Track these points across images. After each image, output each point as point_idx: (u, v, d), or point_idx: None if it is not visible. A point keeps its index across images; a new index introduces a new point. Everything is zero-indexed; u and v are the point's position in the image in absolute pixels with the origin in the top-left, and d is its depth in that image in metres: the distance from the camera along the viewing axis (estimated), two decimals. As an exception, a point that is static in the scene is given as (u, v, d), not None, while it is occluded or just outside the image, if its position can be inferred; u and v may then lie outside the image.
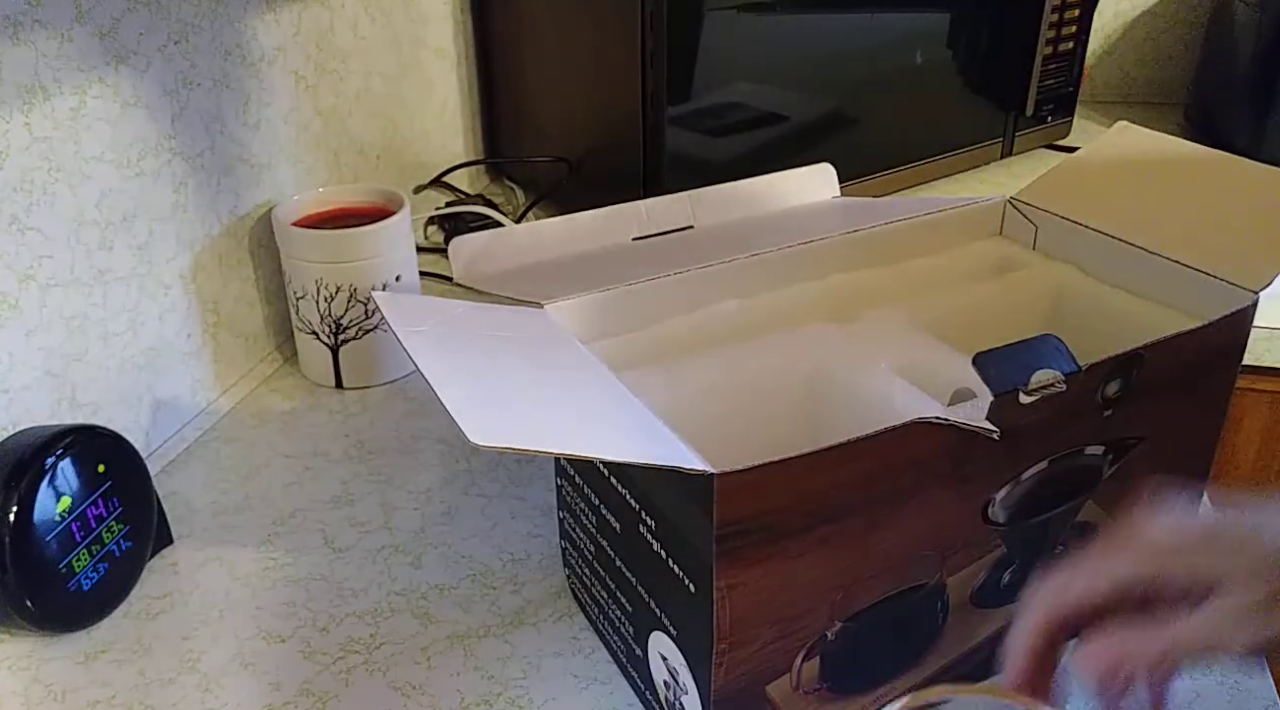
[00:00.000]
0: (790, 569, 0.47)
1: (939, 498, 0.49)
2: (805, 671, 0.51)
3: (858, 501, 0.47)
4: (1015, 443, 0.49)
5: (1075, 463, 0.52)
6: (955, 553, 0.52)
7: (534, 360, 0.53)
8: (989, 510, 0.52)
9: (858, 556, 0.49)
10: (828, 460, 0.45)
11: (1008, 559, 0.54)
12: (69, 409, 0.68)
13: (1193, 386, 0.56)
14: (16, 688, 0.57)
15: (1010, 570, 0.55)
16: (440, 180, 1.11)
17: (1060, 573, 0.42)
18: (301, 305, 0.81)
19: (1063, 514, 0.55)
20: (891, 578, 0.51)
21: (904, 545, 0.50)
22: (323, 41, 0.89)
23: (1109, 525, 0.43)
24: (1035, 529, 0.54)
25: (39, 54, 0.62)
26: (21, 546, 0.55)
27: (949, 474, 0.49)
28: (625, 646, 0.57)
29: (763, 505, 0.45)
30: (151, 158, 0.72)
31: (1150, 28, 1.47)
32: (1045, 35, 1.19)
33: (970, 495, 0.50)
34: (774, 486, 0.44)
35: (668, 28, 0.91)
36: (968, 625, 0.55)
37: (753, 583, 0.46)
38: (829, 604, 0.50)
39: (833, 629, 0.50)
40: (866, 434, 0.45)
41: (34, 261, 0.64)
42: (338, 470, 0.74)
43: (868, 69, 1.07)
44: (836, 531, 0.47)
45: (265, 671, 0.58)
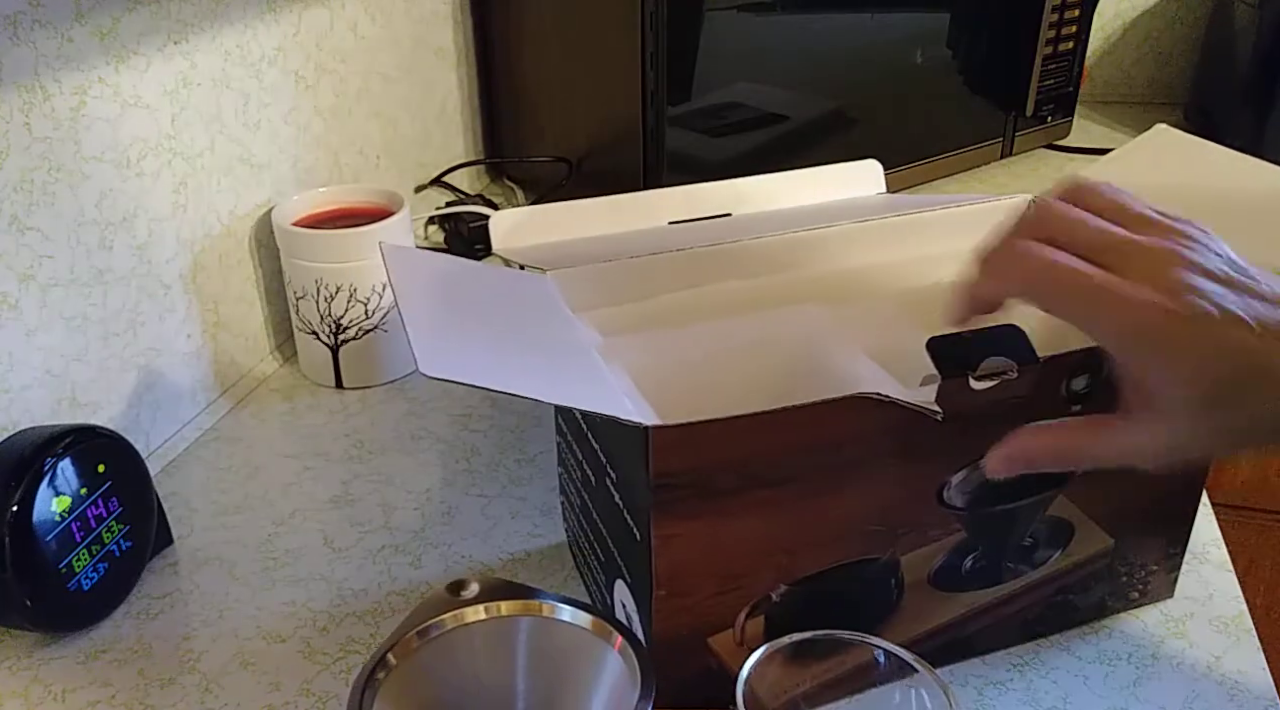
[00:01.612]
0: (728, 527, 0.49)
1: (886, 475, 0.50)
2: (749, 629, 0.52)
3: (797, 469, 0.48)
4: (970, 428, 0.49)
5: None
6: (908, 532, 0.52)
7: (511, 314, 0.54)
8: (944, 493, 0.52)
9: (799, 524, 0.50)
10: (763, 424, 0.46)
11: (969, 545, 0.54)
12: (69, 409, 0.68)
13: None
14: (16, 688, 0.57)
15: (973, 556, 0.55)
16: (440, 180, 1.11)
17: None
18: (301, 305, 0.81)
19: (1030, 507, 0.55)
20: (839, 549, 0.52)
21: (850, 518, 0.51)
22: (323, 41, 0.90)
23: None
24: (999, 518, 0.54)
25: (39, 54, 0.62)
26: (21, 546, 0.55)
27: (896, 452, 0.50)
28: (601, 598, 0.58)
29: (698, 462, 0.46)
30: (151, 158, 0.72)
31: (1150, 28, 1.47)
32: (1045, 35, 1.19)
33: (921, 476, 0.51)
34: (709, 445, 0.46)
35: (668, 28, 0.91)
36: (928, 605, 0.56)
37: (690, 536, 0.48)
38: (773, 567, 0.51)
39: (777, 591, 0.52)
40: (801, 403, 0.46)
41: (34, 261, 0.64)
42: (338, 470, 0.74)
43: (868, 69, 1.07)
44: (776, 496, 0.49)
45: (265, 671, 0.58)
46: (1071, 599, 0.59)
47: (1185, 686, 0.56)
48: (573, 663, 0.43)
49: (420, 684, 0.42)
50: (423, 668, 0.43)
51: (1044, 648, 0.58)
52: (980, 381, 0.47)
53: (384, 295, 0.81)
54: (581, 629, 0.43)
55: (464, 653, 0.43)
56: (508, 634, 0.44)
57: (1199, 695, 0.55)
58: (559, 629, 0.43)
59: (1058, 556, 0.57)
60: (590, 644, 0.42)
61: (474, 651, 0.44)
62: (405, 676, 0.42)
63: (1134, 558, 0.59)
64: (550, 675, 0.43)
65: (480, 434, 0.78)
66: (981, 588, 0.56)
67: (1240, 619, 0.60)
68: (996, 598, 0.57)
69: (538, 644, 0.44)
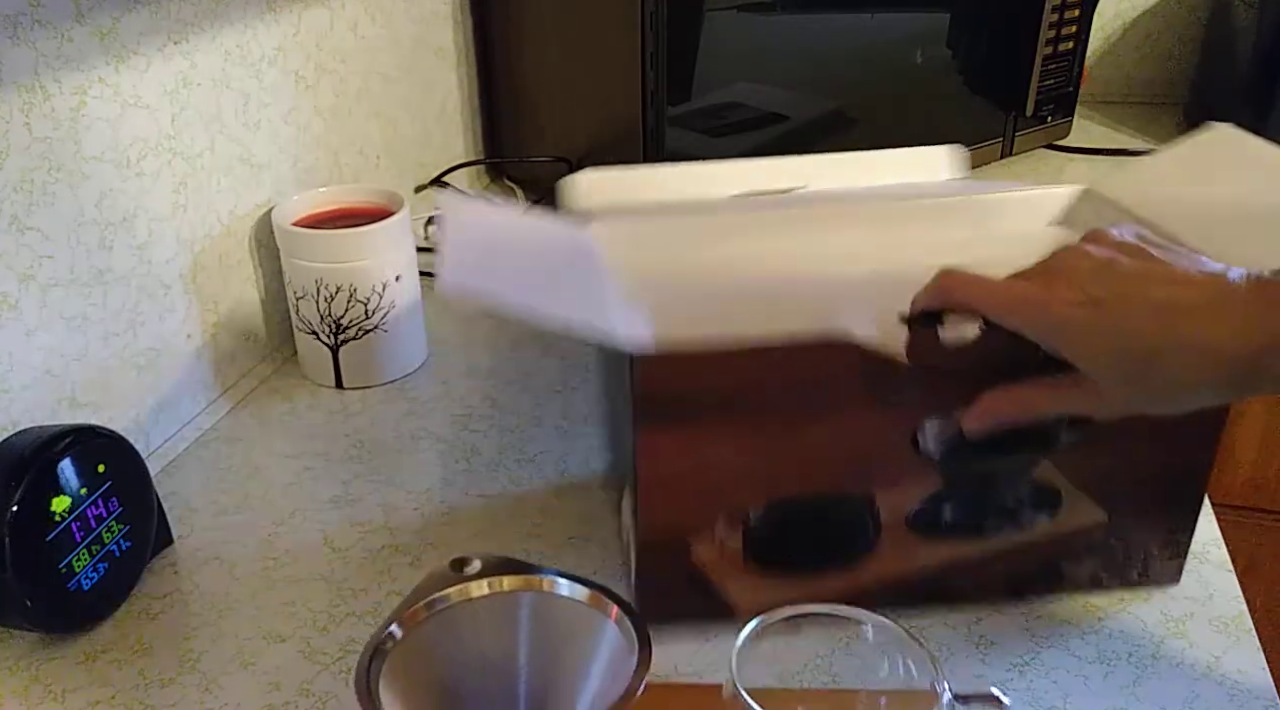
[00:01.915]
0: (707, 445, 0.54)
1: (858, 415, 0.54)
2: (728, 541, 0.57)
3: (771, 400, 0.53)
4: (944, 382, 0.53)
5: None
6: (882, 471, 0.56)
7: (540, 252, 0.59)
8: (919, 440, 0.55)
9: (775, 451, 0.54)
10: (737, 356, 0.51)
11: (946, 494, 0.57)
12: (69, 409, 0.68)
13: None
14: (16, 688, 0.57)
15: (951, 506, 0.58)
16: (440, 180, 1.11)
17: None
18: (301, 305, 0.81)
19: (1011, 469, 0.57)
20: (814, 479, 0.56)
21: (824, 451, 0.55)
22: (323, 41, 0.90)
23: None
24: (977, 474, 0.57)
25: (39, 54, 0.62)
26: (21, 546, 0.55)
27: (867, 394, 0.54)
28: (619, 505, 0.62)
29: (679, 384, 0.52)
30: (151, 158, 0.72)
31: (1150, 28, 1.47)
32: (1045, 35, 1.19)
33: (893, 417, 0.55)
34: (685, 370, 0.51)
35: (668, 28, 0.91)
36: (905, 549, 0.59)
37: (670, 448, 0.53)
38: (750, 487, 0.55)
39: (756, 510, 0.56)
40: (772, 340, 0.51)
41: (34, 261, 0.64)
42: (338, 470, 0.74)
43: (868, 69, 1.07)
44: (751, 422, 0.54)
45: (265, 671, 0.58)
46: (1063, 566, 0.61)
47: (1185, 686, 0.56)
48: (572, 634, 0.44)
49: (425, 655, 0.44)
50: (428, 640, 0.44)
51: (1044, 648, 0.58)
52: (949, 334, 0.52)
53: (384, 295, 0.81)
54: (579, 602, 0.45)
55: (468, 626, 0.45)
56: (510, 608, 0.45)
57: (1199, 695, 0.55)
58: (558, 602, 0.45)
59: (1045, 522, 0.59)
60: (588, 616, 0.44)
61: (477, 624, 0.45)
62: (411, 648, 0.43)
63: (1131, 537, 0.60)
64: (551, 647, 0.45)
65: (480, 434, 0.78)
66: (964, 539, 0.59)
67: (1240, 619, 0.60)
68: (980, 552, 0.59)
69: (538, 617, 0.45)
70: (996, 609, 0.61)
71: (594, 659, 0.44)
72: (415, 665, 0.44)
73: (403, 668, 0.43)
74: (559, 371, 0.85)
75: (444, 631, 0.45)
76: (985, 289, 0.50)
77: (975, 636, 0.59)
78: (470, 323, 0.94)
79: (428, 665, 0.44)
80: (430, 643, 0.44)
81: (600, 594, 0.45)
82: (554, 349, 0.89)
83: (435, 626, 0.45)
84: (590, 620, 0.44)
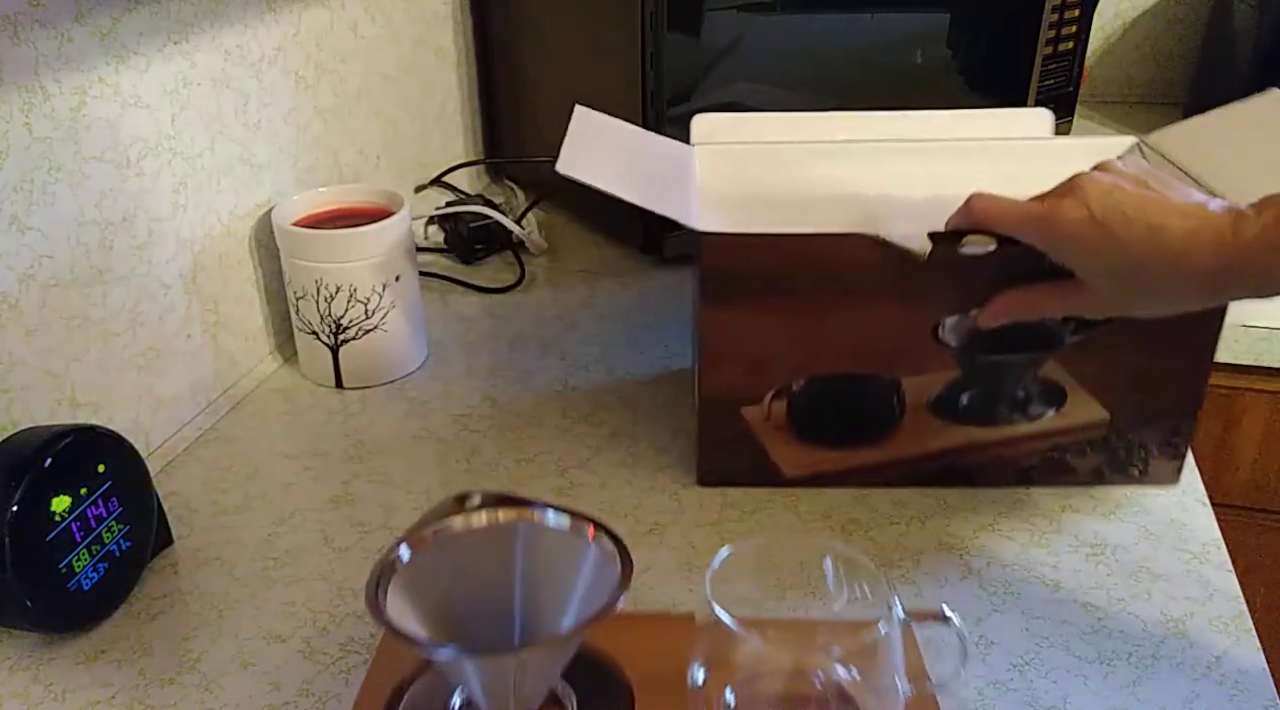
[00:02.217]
0: (757, 321, 0.64)
1: (886, 303, 0.64)
2: (774, 409, 0.67)
3: (811, 285, 0.63)
4: (964, 283, 0.63)
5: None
6: (907, 358, 0.66)
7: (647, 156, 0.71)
8: (939, 332, 0.64)
9: (813, 330, 0.65)
10: (784, 243, 0.62)
11: (963, 383, 0.67)
12: (69, 409, 0.68)
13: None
14: (16, 688, 0.57)
15: (968, 394, 0.67)
16: (440, 180, 1.11)
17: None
18: (301, 305, 0.81)
19: (1022, 363, 0.66)
20: (848, 359, 0.66)
21: (856, 334, 0.65)
22: (323, 41, 0.90)
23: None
24: (990, 365, 0.65)
25: (39, 54, 0.62)
26: (21, 546, 0.55)
27: (893, 286, 0.63)
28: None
29: (735, 264, 0.63)
30: (151, 158, 0.72)
31: (1150, 28, 1.47)
32: (1045, 35, 1.19)
33: (917, 311, 0.64)
34: (743, 253, 0.62)
35: (668, 28, 0.91)
36: (927, 430, 0.68)
37: (726, 320, 0.64)
38: (792, 361, 0.66)
39: (797, 383, 0.66)
40: (812, 231, 0.62)
41: (34, 261, 0.64)
42: (338, 470, 0.74)
43: (868, 69, 1.07)
44: (795, 303, 0.64)
45: (265, 671, 0.58)
46: (1068, 458, 0.69)
47: (1185, 686, 0.56)
48: (559, 557, 0.49)
49: (430, 575, 0.48)
50: (433, 561, 0.49)
51: (1044, 648, 0.58)
52: (964, 248, 0.61)
53: (384, 295, 0.81)
54: (564, 530, 0.49)
55: (469, 551, 0.50)
56: (505, 536, 0.50)
57: (1199, 695, 0.55)
58: (546, 531, 0.50)
59: (1052, 415, 0.67)
60: (571, 540, 0.49)
61: (477, 550, 0.50)
62: (418, 567, 0.48)
63: (1132, 436, 0.68)
64: (542, 569, 0.50)
65: (480, 434, 0.78)
66: (978, 425, 0.68)
67: (1240, 619, 0.60)
68: (993, 438, 0.68)
69: (530, 544, 0.50)
70: (996, 608, 0.61)
71: (579, 576, 0.48)
72: (420, 584, 0.48)
73: (410, 582, 0.47)
74: (559, 371, 0.85)
75: (447, 555, 0.49)
76: (1006, 208, 0.59)
77: (975, 636, 0.59)
78: (470, 323, 0.94)
79: (432, 584, 0.48)
80: (434, 564, 0.49)
81: (579, 519, 0.49)
82: (554, 349, 0.89)
83: (439, 550, 0.49)
84: (574, 542, 0.49)
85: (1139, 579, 0.63)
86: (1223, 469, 1.02)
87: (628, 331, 0.91)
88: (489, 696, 0.47)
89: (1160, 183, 0.57)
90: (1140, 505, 0.69)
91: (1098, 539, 0.66)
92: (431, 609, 0.48)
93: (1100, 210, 0.55)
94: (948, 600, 0.61)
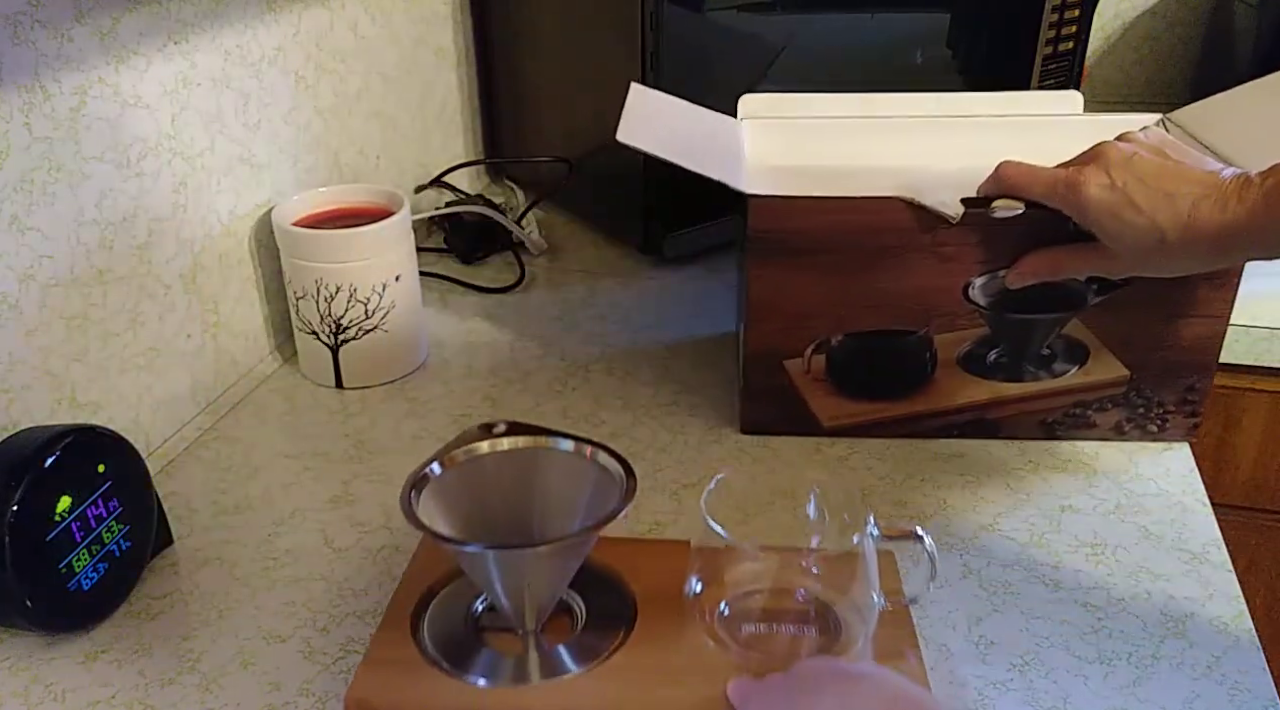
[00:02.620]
0: (799, 278, 0.69)
1: (920, 263, 0.68)
2: (814, 363, 0.73)
3: (851, 244, 0.68)
4: (993, 245, 0.67)
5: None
6: (939, 316, 0.70)
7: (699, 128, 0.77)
8: (969, 291, 0.69)
9: (851, 287, 0.69)
10: (826, 206, 0.67)
11: (992, 340, 0.71)
12: (69, 409, 0.68)
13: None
14: (16, 688, 0.57)
15: (996, 351, 0.72)
16: (440, 180, 1.11)
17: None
18: (301, 305, 0.81)
19: (1047, 322, 0.71)
20: (884, 316, 0.71)
21: (891, 292, 0.69)
22: (323, 41, 0.89)
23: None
24: (1017, 323, 0.69)
25: (39, 54, 0.62)
26: (21, 546, 0.55)
27: (927, 248, 0.68)
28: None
29: (780, 225, 0.68)
30: (151, 158, 0.72)
31: (1150, 28, 1.47)
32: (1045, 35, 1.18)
33: (949, 271, 0.68)
34: (788, 215, 0.67)
35: (668, 28, 0.91)
36: (957, 384, 0.73)
37: (771, 278, 0.70)
38: (831, 317, 0.71)
39: (836, 337, 0.71)
40: (851, 195, 0.66)
41: (34, 261, 0.64)
42: (338, 470, 0.74)
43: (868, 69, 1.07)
44: (835, 262, 0.69)
45: (265, 671, 0.58)
46: (1090, 414, 0.73)
47: (1185, 686, 0.56)
48: (568, 478, 0.55)
49: (459, 490, 0.55)
50: (461, 478, 0.55)
51: (1044, 648, 0.58)
52: (993, 213, 0.66)
53: (384, 295, 0.81)
54: (572, 453, 0.56)
55: (493, 472, 0.56)
56: (525, 460, 0.56)
57: (1199, 695, 0.55)
58: (559, 456, 0.56)
59: (1075, 372, 0.72)
60: (577, 462, 0.55)
61: (500, 471, 0.56)
62: (446, 483, 0.54)
63: (1151, 394, 0.72)
64: (557, 488, 0.56)
65: (480, 434, 0.78)
66: (1005, 380, 0.72)
67: (1240, 619, 0.60)
68: (1019, 393, 0.73)
69: (546, 468, 0.56)
70: (996, 608, 0.61)
71: (585, 492, 0.54)
72: (450, 495, 0.54)
73: (440, 494, 0.54)
74: (559, 371, 0.85)
75: (475, 473, 0.56)
76: (1033, 174, 0.64)
77: (975, 636, 0.59)
78: (470, 323, 0.94)
79: (460, 498, 0.55)
80: (463, 481, 0.55)
81: (581, 442, 0.56)
82: (554, 349, 0.89)
83: (468, 468, 0.56)
84: (579, 464, 0.55)
85: (1139, 579, 0.63)
86: (1223, 469, 1.02)
87: (628, 331, 0.91)
88: (508, 598, 0.53)
89: (1178, 152, 0.61)
90: (1140, 505, 0.69)
91: (1098, 539, 0.66)
92: (459, 519, 0.54)
93: (1120, 177, 0.60)
94: (948, 600, 0.61)
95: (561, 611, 0.57)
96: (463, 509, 0.54)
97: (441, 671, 0.53)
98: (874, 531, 0.52)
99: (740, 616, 0.55)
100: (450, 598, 0.58)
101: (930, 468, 0.72)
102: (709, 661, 0.53)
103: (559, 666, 0.54)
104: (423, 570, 0.59)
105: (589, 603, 0.57)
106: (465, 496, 0.55)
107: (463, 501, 0.55)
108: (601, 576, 0.58)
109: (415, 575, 0.59)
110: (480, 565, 0.52)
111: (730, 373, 0.84)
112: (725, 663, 0.53)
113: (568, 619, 0.57)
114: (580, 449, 0.55)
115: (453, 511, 0.54)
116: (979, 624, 0.60)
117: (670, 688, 0.52)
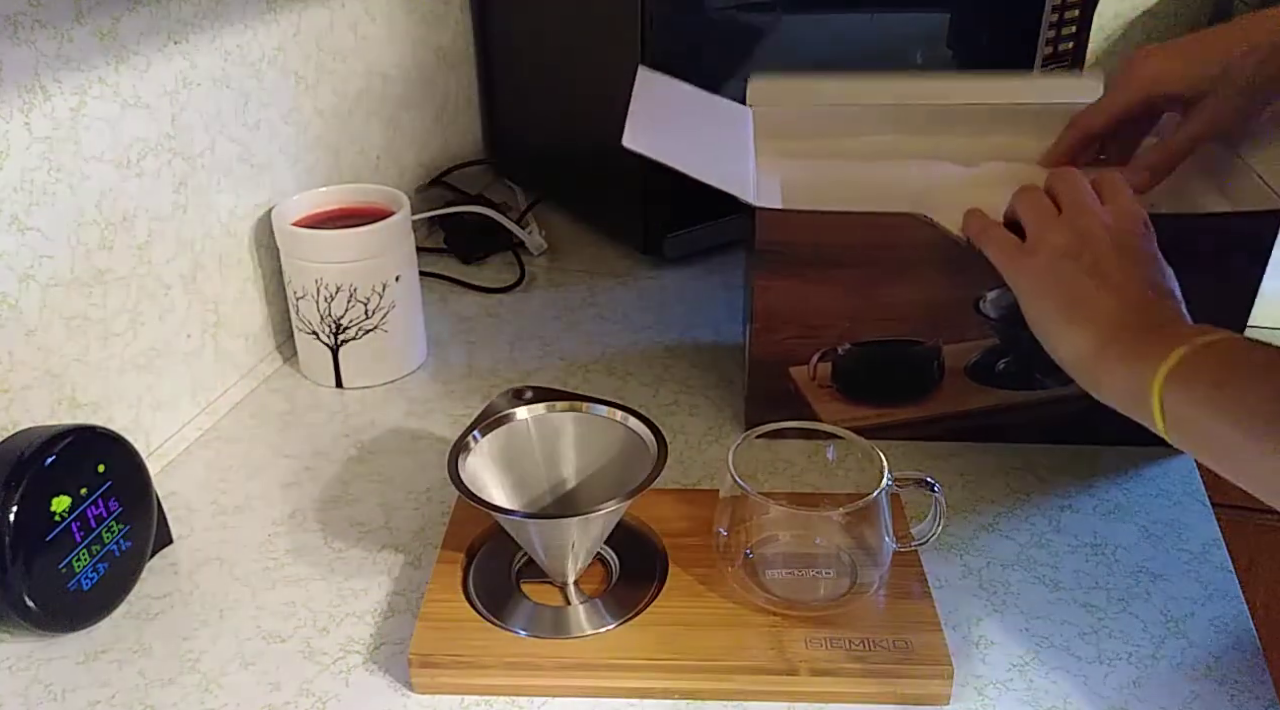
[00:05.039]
0: (808, 289, 0.69)
1: (932, 278, 0.68)
2: (820, 370, 0.73)
3: (861, 258, 0.68)
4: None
5: None
6: (948, 327, 0.70)
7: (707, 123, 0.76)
8: (980, 305, 0.69)
9: (861, 299, 0.69)
10: (837, 220, 0.67)
11: (1001, 350, 0.71)
12: (69, 409, 0.68)
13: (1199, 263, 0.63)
14: (16, 688, 0.57)
15: (1005, 361, 0.72)
16: (440, 180, 1.11)
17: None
18: (301, 305, 0.81)
19: None
20: (893, 327, 0.71)
21: (902, 304, 0.69)
22: (323, 41, 0.89)
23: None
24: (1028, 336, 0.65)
25: (39, 54, 0.62)
26: (21, 546, 0.55)
27: (939, 262, 0.67)
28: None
29: (788, 237, 0.68)
30: (151, 158, 0.72)
31: (1150, 28, 1.47)
32: (1045, 35, 1.18)
33: (960, 285, 0.69)
34: (797, 227, 0.67)
35: (668, 28, 0.91)
36: (964, 392, 0.73)
37: (779, 289, 0.69)
38: (839, 327, 0.71)
39: (843, 346, 0.72)
40: (864, 210, 0.66)
41: (34, 261, 0.64)
42: (338, 470, 0.74)
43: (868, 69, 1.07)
44: (845, 275, 0.68)
45: (265, 671, 0.58)
46: (1096, 423, 0.69)
47: (1185, 686, 0.56)
48: (603, 441, 0.60)
49: (499, 453, 0.60)
50: (500, 442, 0.60)
51: (1044, 647, 0.58)
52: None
53: (384, 295, 0.81)
54: (607, 418, 0.60)
55: (529, 436, 0.61)
56: (560, 424, 0.61)
57: (1199, 695, 0.55)
58: (593, 420, 0.61)
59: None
60: (612, 427, 0.60)
61: (536, 435, 0.61)
62: (488, 446, 0.60)
63: None
64: (590, 452, 0.61)
65: (480, 434, 0.78)
66: (1012, 389, 0.73)
67: (1240, 619, 0.60)
68: (1026, 400, 0.73)
69: (580, 432, 0.61)
70: (996, 608, 0.61)
71: (618, 455, 0.59)
72: (492, 458, 0.59)
73: (483, 456, 0.59)
74: (559, 371, 0.85)
75: (513, 437, 0.61)
76: (986, 234, 0.63)
77: (975, 637, 0.59)
78: (470, 323, 0.94)
79: (500, 460, 0.60)
80: (503, 444, 0.60)
81: (616, 408, 0.60)
82: (554, 349, 0.89)
83: (506, 433, 0.61)
84: (613, 429, 0.60)
85: (1139, 579, 0.63)
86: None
87: (628, 332, 0.91)
88: (548, 557, 0.58)
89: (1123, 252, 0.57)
90: (1140, 505, 0.69)
91: (1098, 539, 0.66)
92: (501, 479, 0.59)
93: (1046, 279, 0.59)
94: (948, 600, 0.61)
95: (596, 561, 0.62)
96: (502, 472, 0.60)
97: (491, 624, 0.57)
98: (888, 479, 0.56)
99: (764, 562, 0.59)
100: (490, 555, 0.62)
101: (931, 468, 0.72)
102: (739, 608, 0.58)
103: (600, 619, 0.58)
104: (461, 528, 0.63)
105: (622, 556, 0.62)
106: (503, 461, 0.60)
107: (501, 465, 0.60)
108: (631, 529, 0.63)
109: (456, 533, 0.63)
110: (524, 531, 0.57)
111: (731, 373, 0.84)
112: (754, 608, 0.58)
113: (603, 570, 0.62)
114: (612, 413, 0.61)
115: (493, 475, 0.59)
116: (979, 624, 0.60)
117: (704, 637, 0.56)
